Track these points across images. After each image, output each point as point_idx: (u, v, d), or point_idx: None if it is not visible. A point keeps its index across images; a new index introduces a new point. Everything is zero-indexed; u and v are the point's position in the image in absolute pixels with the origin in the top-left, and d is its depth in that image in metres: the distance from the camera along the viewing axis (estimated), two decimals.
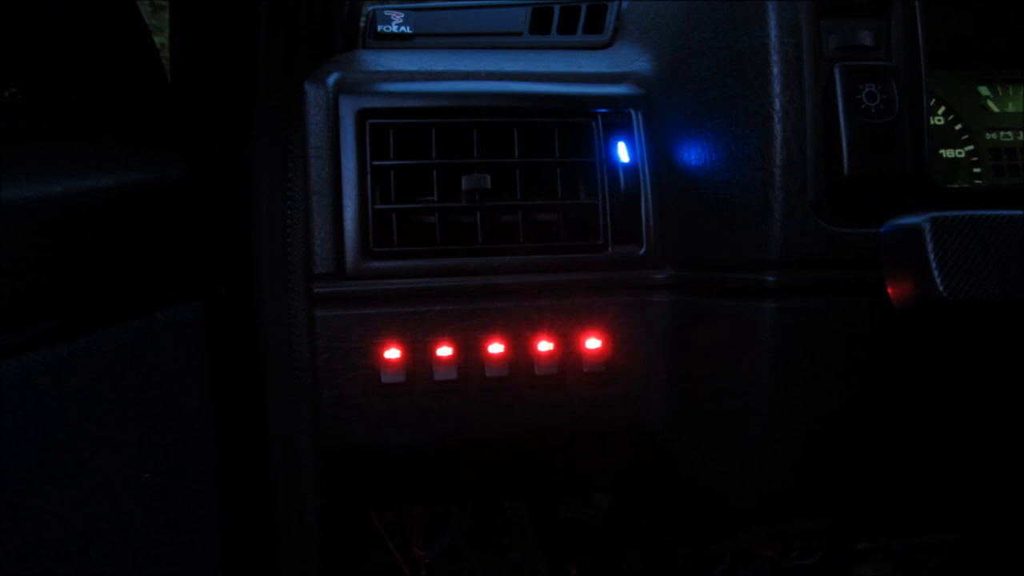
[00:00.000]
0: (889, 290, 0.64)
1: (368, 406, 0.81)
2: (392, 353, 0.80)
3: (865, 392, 0.73)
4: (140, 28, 0.84)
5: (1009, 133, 0.82)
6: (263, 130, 0.78)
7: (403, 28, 0.96)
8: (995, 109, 0.82)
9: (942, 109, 0.82)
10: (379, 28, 0.96)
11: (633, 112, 0.86)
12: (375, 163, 0.81)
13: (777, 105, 0.69)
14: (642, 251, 0.84)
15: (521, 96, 0.85)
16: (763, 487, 0.77)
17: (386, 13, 0.96)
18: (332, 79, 0.82)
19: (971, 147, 0.81)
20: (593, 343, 0.83)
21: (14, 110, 0.74)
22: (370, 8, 0.97)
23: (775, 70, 0.69)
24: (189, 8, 0.83)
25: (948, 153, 0.81)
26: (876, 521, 0.92)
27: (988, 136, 0.82)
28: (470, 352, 0.82)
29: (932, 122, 0.80)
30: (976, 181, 0.81)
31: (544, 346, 0.83)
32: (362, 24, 0.97)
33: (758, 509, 0.79)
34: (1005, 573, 1.24)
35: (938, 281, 0.59)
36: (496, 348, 0.82)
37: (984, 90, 0.83)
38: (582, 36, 0.99)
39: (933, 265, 0.59)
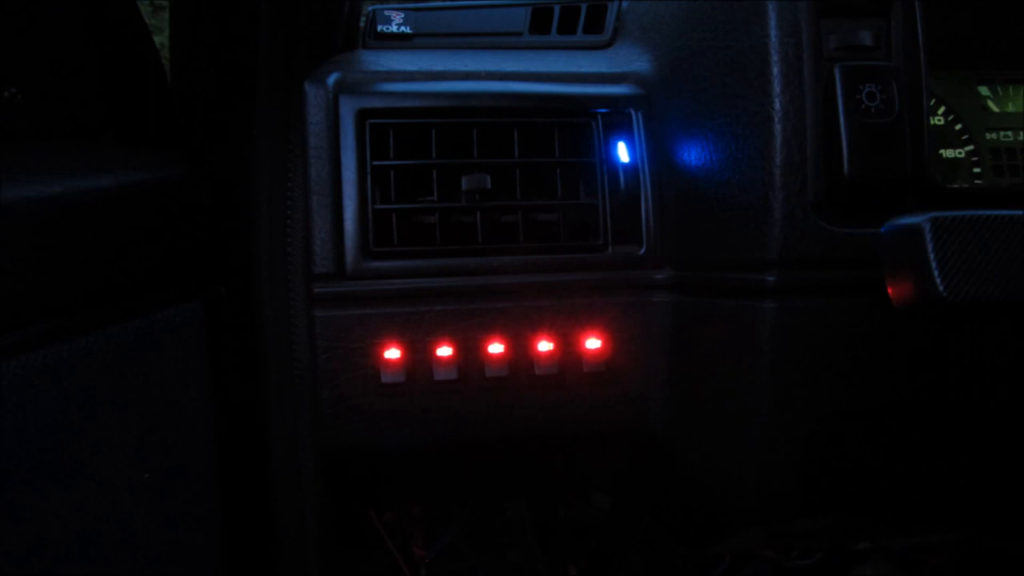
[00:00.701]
0: (889, 290, 0.64)
1: (368, 406, 0.81)
2: (392, 353, 0.80)
3: (865, 392, 0.73)
4: (140, 28, 0.84)
5: (1009, 133, 0.82)
6: (263, 130, 0.78)
7: (403, 28, 0.96)
8: (995, 109, 0.82)
9: (942, 109, 0.82)
10: (379, 28, 0.96)
11: (633, 112, 0.86)
12: (375, 163, 0.81)
13: (777, 105, 0.69)
14: (642, 251, 0.84)
15: (521, 96, 0.85)
16: (763, 487, 0.77)
17: (386, 13, 0.96)
18: (332, 79, 0.82)
19: (971, 147, 0.81)
20: (593, 343, 0.83)
21: (14, 110, 0.74)
22: (370, 8, 0.97)
23: (775, 70, 0.69)
24: (189, 8, 0.83)
25: (948, 153, 0.81)
26: (876, 521, 0.92)
27: (988, 136, 0.82)
28: (470, 352, 0.82)
29: (932, 122, 0.80)
30: (976, 181, 0.81)
31: (544, 346, 0.83)
32: (362, 24, 0.97)
33: (758, 509, 0.79)
34: (1005, 573, 1.24)
35: (938, 281, 0.59)
36: (496, 348, 0.82)
37: (984, 90, 0.83)
38: (582, 36, 0.99)
39: (933, 265, 0.59)
